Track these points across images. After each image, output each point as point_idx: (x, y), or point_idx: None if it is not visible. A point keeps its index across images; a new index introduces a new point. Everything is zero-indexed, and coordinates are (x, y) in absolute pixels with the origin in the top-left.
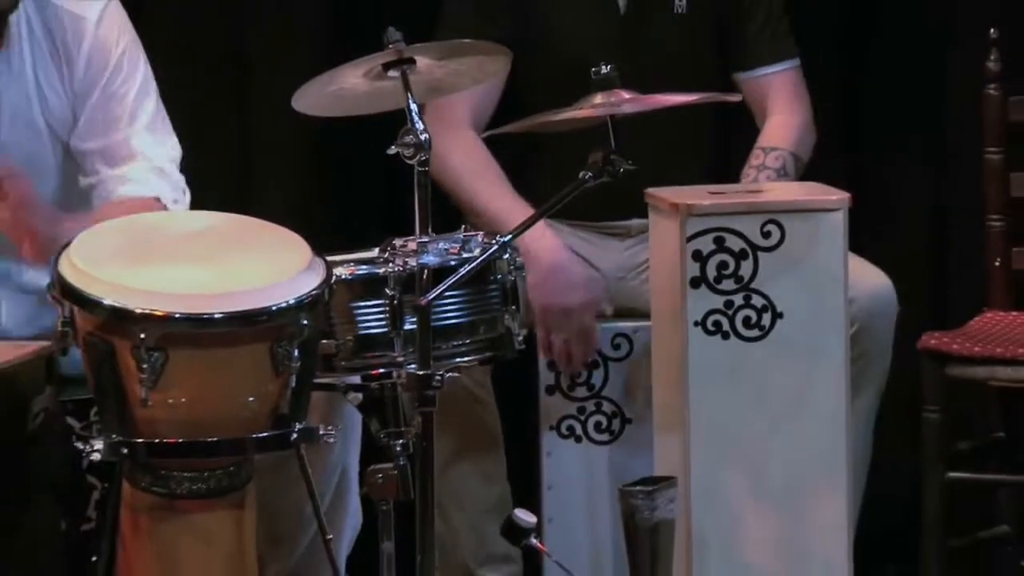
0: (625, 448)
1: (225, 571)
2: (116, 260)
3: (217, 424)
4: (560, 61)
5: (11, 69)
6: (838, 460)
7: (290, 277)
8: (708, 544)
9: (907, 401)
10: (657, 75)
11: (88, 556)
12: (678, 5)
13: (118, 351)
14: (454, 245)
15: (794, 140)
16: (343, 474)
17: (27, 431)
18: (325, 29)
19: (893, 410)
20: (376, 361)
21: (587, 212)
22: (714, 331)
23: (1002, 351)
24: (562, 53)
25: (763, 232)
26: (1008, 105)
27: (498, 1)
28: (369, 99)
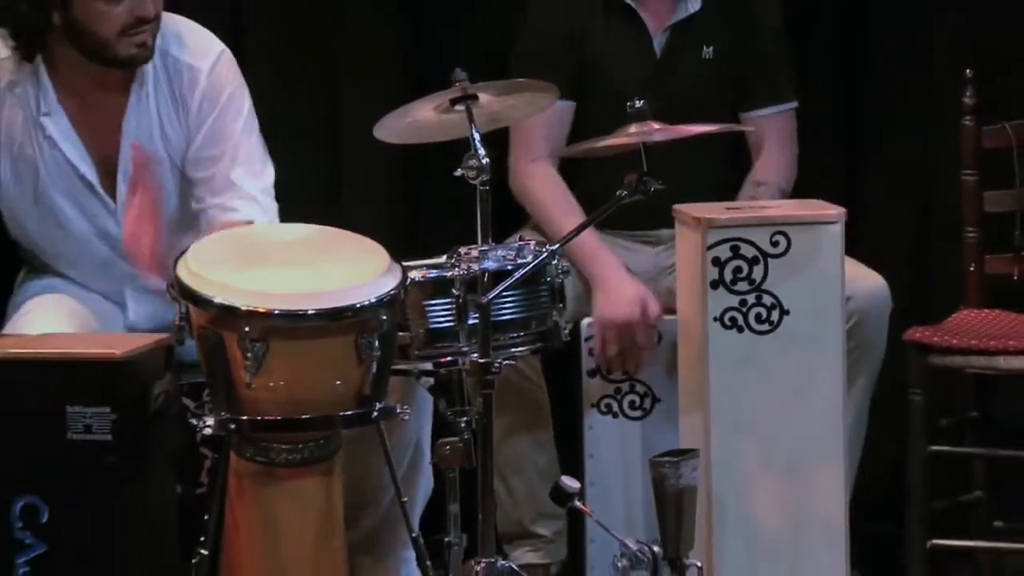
0: (655, 424)
1: (317, 529)
2: (224, 265)
3: (310, 404)
4: (604, 97)
5: (139, 108)
6: (836, 435)
7: (371, 279)
8: (725, 507)
9: (895, 385)
10: (684, 109)
11: (201, 516)
12: (706, 52)
13: (226, 342)
14: (510, 252)
15: (780, 177)
16: (416, 446)
17: (150, 410)
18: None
19: (883, 393)
20: (444, 351)
21: (624, 223)
22: (730, 325)
23: (976, 343)
24: (606, 91)
25: (772, 241)
26: (981, 134)
27: (558, 48)
28: (438, 129)
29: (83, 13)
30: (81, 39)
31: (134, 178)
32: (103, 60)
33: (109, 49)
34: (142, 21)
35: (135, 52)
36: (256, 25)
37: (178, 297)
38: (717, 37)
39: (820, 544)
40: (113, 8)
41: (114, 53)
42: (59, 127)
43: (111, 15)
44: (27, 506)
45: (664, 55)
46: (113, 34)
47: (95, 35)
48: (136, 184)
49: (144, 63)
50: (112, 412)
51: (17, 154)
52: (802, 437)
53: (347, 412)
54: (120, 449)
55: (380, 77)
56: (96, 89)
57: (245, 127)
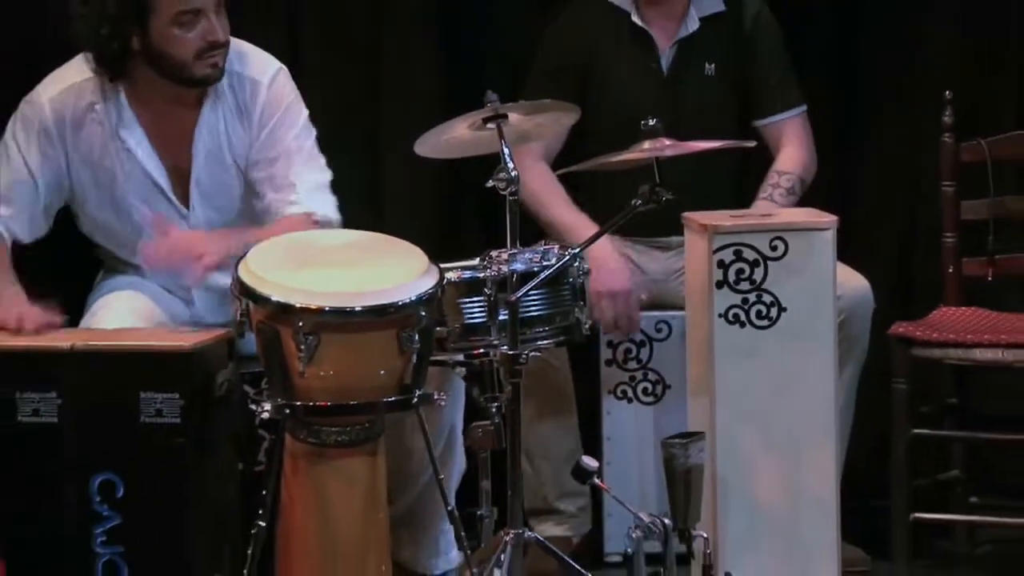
0: (665, 408)
1: (363, 503)
2: (280, 267)
3: (357, 391)
4: (614, 115)
5: (209, 121)
6: (827, 419)
7: (412, 279)
8: (728, 484)
9: (881, 375)
10: (691, 123)
11: (259, 491)
12: (708, 69)
13: (282, 336)
14: (536, 255)
15: (802, 167)
16: (451, 429)
17: (214, 396)
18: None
19: (871, 382)
20: (477, 343)
21: (638, 230)
22: (733, 321)
23: (954, 337)
24: (616, 109)
25: (771, 246)
26: (959, 149)
27: (566, 69)
28: (472, 145)
29: (160, 39)
30: (159, 62)
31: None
32: (180, 80)
33: (185, 71)
34: (214, 45)
35: (208, 72)
36: (309, 50)
37: (238, 295)
38: (715, 55)
39: (814, 517)
40: (187, 34)
41: (190, 74)
42: (136, 140)
43: (186, 40)
44: (104, 482)
45: (670, 72)
46: (189, 57)
47: (172, 59)
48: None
49: (216, 82)
50: (181, 398)
51: (97, 165)
52: (797, 421)
53: (390, 399)
54: (187, 431)
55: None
56: (170, 105)
57: (301, 133)
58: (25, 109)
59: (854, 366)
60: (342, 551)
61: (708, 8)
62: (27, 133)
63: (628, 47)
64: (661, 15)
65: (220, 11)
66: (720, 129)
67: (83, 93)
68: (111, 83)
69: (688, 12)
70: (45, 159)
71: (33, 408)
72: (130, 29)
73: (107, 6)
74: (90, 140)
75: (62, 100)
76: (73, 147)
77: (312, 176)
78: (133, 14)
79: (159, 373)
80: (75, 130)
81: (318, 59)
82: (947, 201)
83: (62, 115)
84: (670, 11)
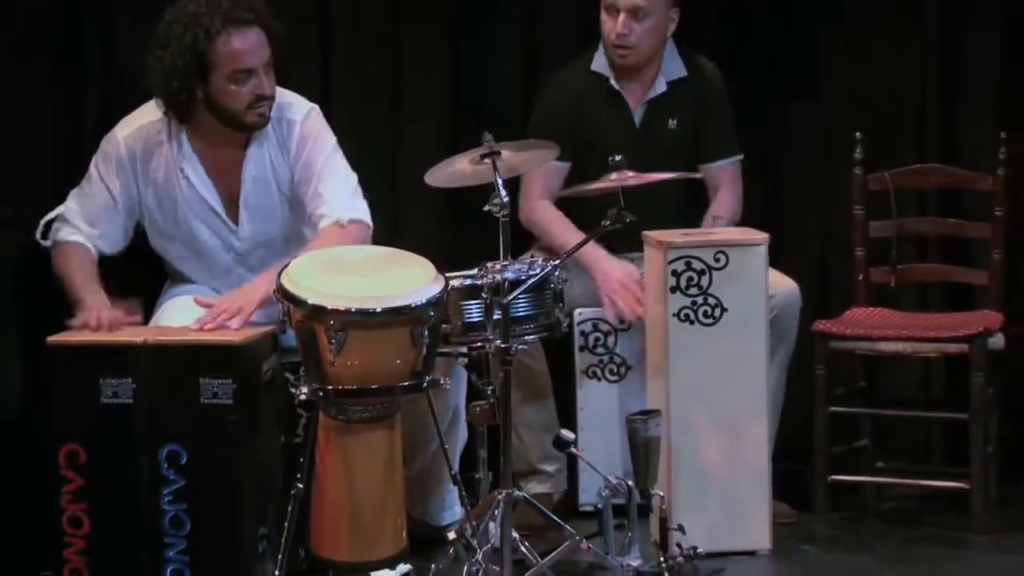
0: (628, 387)
1: (382, 469)
2: (315, 275)
3: (377, 377)
4: (599, 158)
5: (256, 156)
6: (761, 399)
7: (422, 286)
8: (680, 452)
9: (805, 364)
10: (657, 167)
11: (298, 458)
12: (671, 123)
13: (316, 332)
14: (524, 266)
15: (732, 211)
16: (455, 408)
17: (261, 381)
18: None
19: (797, 370)
20: (476, 338)
21: (607, 247)
22: (685, 319)
23: (863, 332)
24: (598, 152)
25: (715, 258)
26: (867, 180)
27: (561, 123)
28: (472, 176)
29: (218, 92)
30: (216, 110)
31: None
32: (234, 125)
33: (238, 118)
34: (261, 98)
35: (256, 120)
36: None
37: (281, 299)
38: (678, 113)
39: (750, 479)
40: (241, 88)
41: (241, 121)
42: (195, 171)
43: (239, 94)
44: (171, 452)
45: (641, 126)
46: (241, 107)
47: (228, 108)
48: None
49: (263, 128)
50: (233, 383)
51: (163, 192)
52: (737, 401)
53: (405, 383)
54: (239, 410)
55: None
56: (223, 143)
57: (330, 156)
58: (105, 145)
59: (783, 356)
60: (365, 507)
61: (674, 74)
62: (107, 165)
63: (606, 106)
64: (633, 81)
65: (268, 70)
66: (677, 167)
67: (152, 132)
68: (177, 125)
69: (657, 78)
70: (122, 186)
71: (113, 391)
72: (195, 82)
73: (177, 63)
74: (157, 171)
75: (135, 138)
76: (143, 177)
77: (339, 188)
78: (198, 70)
79: (215, 363)
80: (145, 163)
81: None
82: (857, 222)
83: (134, 150)
84: (641, 79)
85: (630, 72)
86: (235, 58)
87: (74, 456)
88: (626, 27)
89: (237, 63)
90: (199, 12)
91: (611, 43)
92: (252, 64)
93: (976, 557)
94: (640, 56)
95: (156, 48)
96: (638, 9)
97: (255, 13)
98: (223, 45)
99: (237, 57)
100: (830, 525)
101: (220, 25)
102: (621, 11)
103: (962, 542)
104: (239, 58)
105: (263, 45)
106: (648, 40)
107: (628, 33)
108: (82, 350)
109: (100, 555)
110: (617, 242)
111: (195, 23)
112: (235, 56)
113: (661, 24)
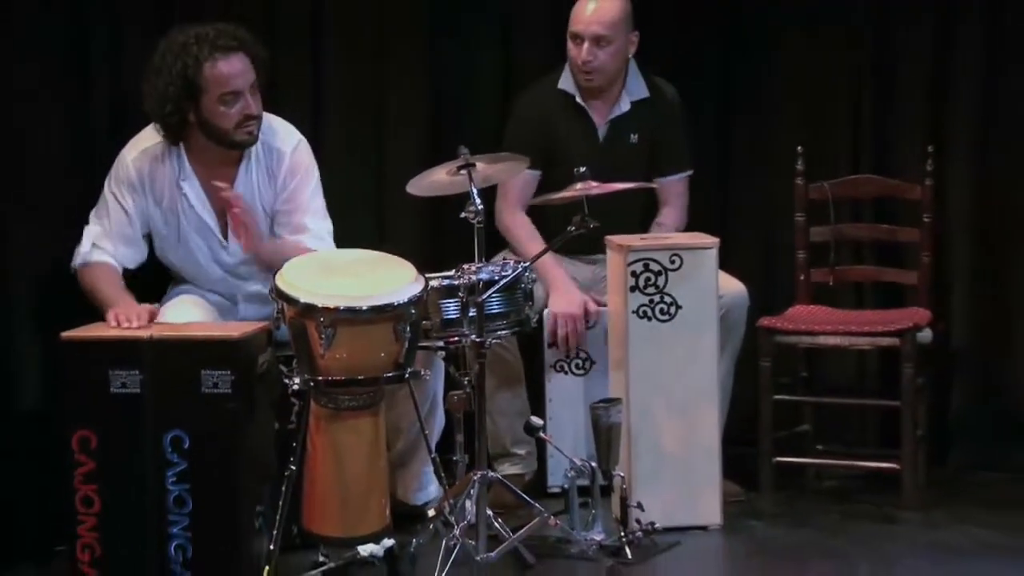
0: (592, 379)
1: (368, 452)
2: (307, 276)
3: (363, 369)
4: (563, 167)
5: (245, 177)
6: (712, 389)
7: (404, 286)
8: (639, 437)
9: (752, 356)
10: (618, 176)
11: (291, 443)
12: (632, 139)
13: (308, 328)
14: (497, 267)
15: (675, 221)
16: (434, 396)
17: (257, 373)
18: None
19: (745, 362)
20: (453, 333)
21: (572, 249)
22: (643, 316)
23: (805, 327)
24: (564, 163)
25: (670, 260)
26: (808, 190)
27: (531, 136)
28: (450, 186)
29: (209, 113)
30: (208, 130)
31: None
32: (224, 144)
33: (227, 137)
34: (249, 118)
35: (246, 138)
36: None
37: (275, 298)
38: (639, 129)
39: (702, 461)
40: (229, 109)
41: (231, 139)
42: (192, 188)
43: (228, 114)
44: (175, 437)
45: (605, 140)
46: (231, 127)
47: (218, 128)
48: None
49: (251, 146)
50: (231, 374)
51: (166, 208)
52: (690, 390)
53: (388, 374)
54: (237, 398)
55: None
56: (217, 163)
57: (313, 192)
58: (116, 169)
59: (732, 349)
60: (353, 487)
61: (637, 93)
62: (119, 186)
63: (573, 121)
64: (598, 99)
65: (254, 92)
66: (637, 177)
67: (155, 153)
68: (174, 145)
69: (621, 97)
70: (135, 205)
71: (121, 382)
72: (187, 105)
73: (170, 89)
74: (162, 189)
75: (140, 159)
76: (150, 194)
77: (319, 224)
78: (189, 94)
79: (215, 356)
80: (151, 182)
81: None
82: (799, 228)
83: (142, 171)
84: (605, 98)
85: (595, 92)
86: (223, 81)
87: (86, 441)
88: (591, 54)
89: (225, 86)
90: (188, 42)
91: (577, 68)
92: (238, 86)
93: (906, 531)
94: (604, 79)
95: (151, 75)
96: (600, 38)
97: (239, 40)
98: (211, 70)
99: (224, 80)
100: (775, 502)
101: (208, 52)
102: (585, 40)
103: (893, 517)
104: (226, 81)
105: (248, 69)
106: (611, 64)
107: (592, 59)
108: (93, 345)
109: (110, 531)
110: (582, 245)
111: (184, 52)
112: (223, 80)
113: (622, 48)
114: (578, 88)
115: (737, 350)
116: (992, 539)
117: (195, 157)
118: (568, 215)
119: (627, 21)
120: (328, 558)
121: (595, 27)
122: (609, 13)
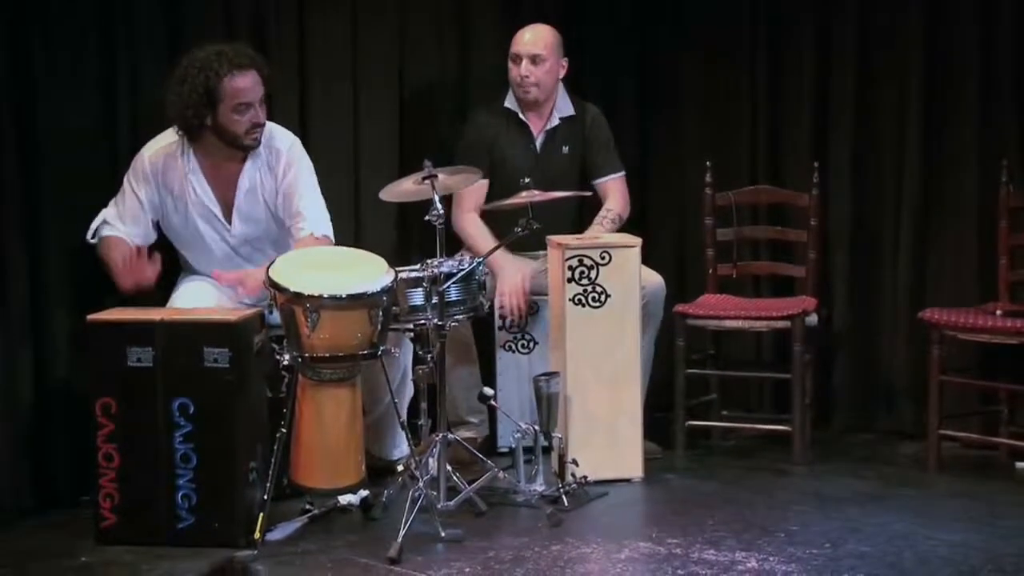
0: (535, 357)
1: (347, 417)
2: (295, 269)
3: (342, 347)
4: (507, 178)
5: (249, 172)
6: (635, 364)
7: (378, 277)
8: (574, 404)
9: (668, 336)
10: (553, 184)
11: (281, 410)
12: (564, 149)
13: (296, 312)
14: (456, 262)
15: (620, 206)
16: (403, 371)
17: (252, 350)
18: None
19: (663, 341)
20: (418, 318)
21: (519, 247)
22: (579, 304)
23: (713, 313)
24: (508, 174)
25: (601, 256)
26: (715, 197)
27: (481, 149)
28: (416, 193)
29: (224, 119)
30: (221, 134)
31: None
32: (234, 146)
33: (237, 140)
34: (256, 126)
35: (252, 143)
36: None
37: (268, 287)
38: (569, 142)
39: (627, 425)
40: (241, 118)
41: (241, 143)
42: (199, 181)
43: (240, 122)
44: (181, 404)
45: (542, 150)
46: (241, 132)
47: (230, 133)
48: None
49: (255, 149)
50: (230, 351)
51: (177, 198)
52: (617, 364)
53: (364, 352)
54: (235, 372)
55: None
56: (224, 160)
57: (308, 180)
58: (135, 163)
59: (652, 331)
60: (333, 447)
61: (565, 111)
62: (136, 179)
63: (515, 135)
64: (536, 114)
65: (262, 104)
66: (570, 186)
67: (169, 152)
68: (187, 145)
69: (552, 113)
70: (148, 194)
71: (137, 357)
72: (205, 112)
73: (192, 97)
74: (172, 182)
75: (156, 156)
76: (163, 186)
77: (314, 207)
78: (208, 103)
79: (216, 335)
80: (164, 175)
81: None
82: (708, 229)
83: (156, 166)
84: (540, 113)
85: (533, 106)
86: (238, 94)
87: (107, 407)
88: (528, 70)
89: (240, 97)
90: (209, 58)
91: (517, 83)
92: (251, 99)
93: (796, 482)
94: (540, 92)
95: (175, 85)
96: (536, 56)
97: (252, 59)
98: (229, 83)
99: (240, 93)
100: (687, 459)
101: (227, 68)
102: (523, 58)
103: (785, 471)
104: (242, 94)
105: (259, 83)
106: (545, 79)
107: (529, 75)
108: (114, 326)
109: (127, 484)
110: (527, 244)
111: (206, 67)
112: (238, 92)
113: (554, 68)
114: (519, 105)
115: (656, 332)
116: (865, 488)
117: (204, 155)
118: (514, 219)
119: (558, 46)
120: (313, 506)
121: (531, 47)
122: (544, 38)
